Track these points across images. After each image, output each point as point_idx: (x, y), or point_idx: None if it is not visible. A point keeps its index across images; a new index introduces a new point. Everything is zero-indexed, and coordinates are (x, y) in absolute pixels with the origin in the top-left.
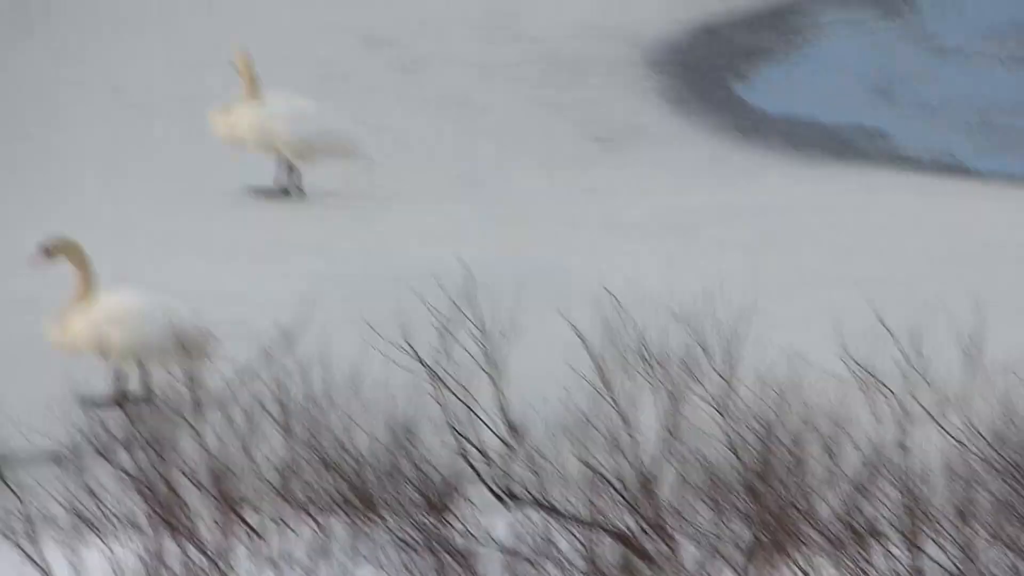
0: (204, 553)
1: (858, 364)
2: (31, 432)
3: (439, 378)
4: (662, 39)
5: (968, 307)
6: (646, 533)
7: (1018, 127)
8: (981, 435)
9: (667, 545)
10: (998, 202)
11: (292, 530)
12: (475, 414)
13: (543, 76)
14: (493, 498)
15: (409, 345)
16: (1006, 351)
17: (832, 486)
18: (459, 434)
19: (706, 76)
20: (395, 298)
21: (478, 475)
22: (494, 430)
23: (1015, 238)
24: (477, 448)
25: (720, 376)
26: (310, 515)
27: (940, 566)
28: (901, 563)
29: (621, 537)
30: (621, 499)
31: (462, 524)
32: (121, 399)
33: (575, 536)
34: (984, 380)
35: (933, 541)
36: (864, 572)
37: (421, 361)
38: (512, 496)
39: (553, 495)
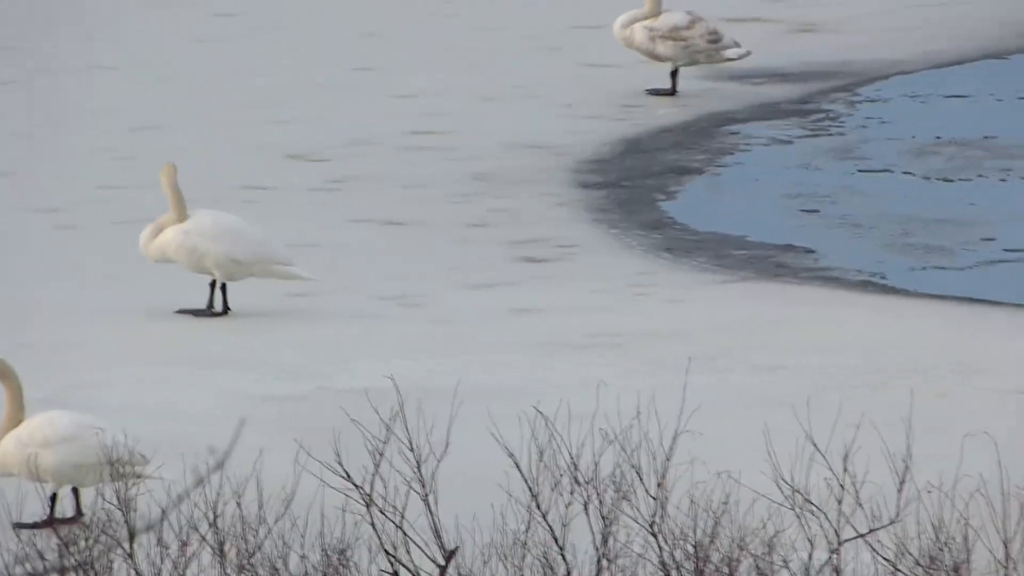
0: None
1: (790, 485)
2: None
3: (371, 500)
4: (590, 155)
5: (898, 426)
6: None
7: (942, 243)
8: (911, 555)
9: None
10: (924, 318)
11: None
12: (407, 536)
13: (471, 193)
14: None
15: (341, 466)
16: (936, 471)
17: None
18: (392, 557)
19: (634, 193)
20: (327, 417)
21: None
22: (426, 552)
23: (942, 355)
24: (410, 571)
25: (652, 497)
26: None
27: None
28: None
29: None
30: None
31: None
32: (53, 522)
33: None
34: (915, 501)
35: None
36: None
37: (353, 483)
38: None
39: None
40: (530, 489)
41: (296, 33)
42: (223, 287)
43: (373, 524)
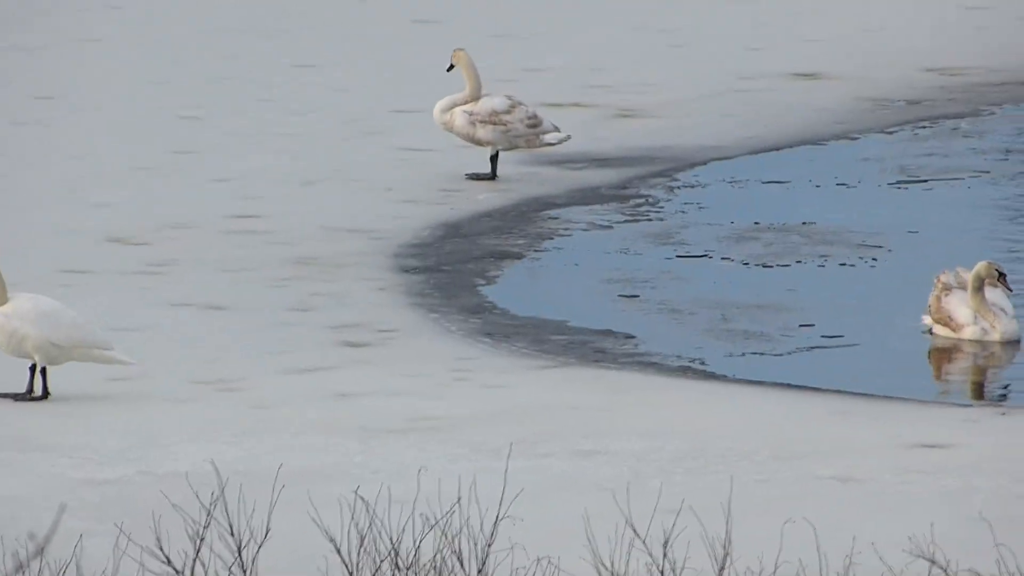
0: None
1: (609, 571)
2: None
3: None
4: (410, 240)
5: (718, 512)
6: None
7: (761, 329)
8: None
9: None
10: (744, 404)
11: None
12: None
13: (291, 277)
14: None
15: (162, 551)
16: (756, 556)
17: None
18: None
19: (454, 278)
20: (148, 502)
21: None
22: None
23: (762, 440)
24: None
25: None
26: None
27: None
28: None
29: None
30: None
31: None
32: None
33: None
34: None
35: None
36: None
37: (174, 567)
38: None
39: None
40: (350, 572)
41: (114, 115)
42: (43, 371)
43: None
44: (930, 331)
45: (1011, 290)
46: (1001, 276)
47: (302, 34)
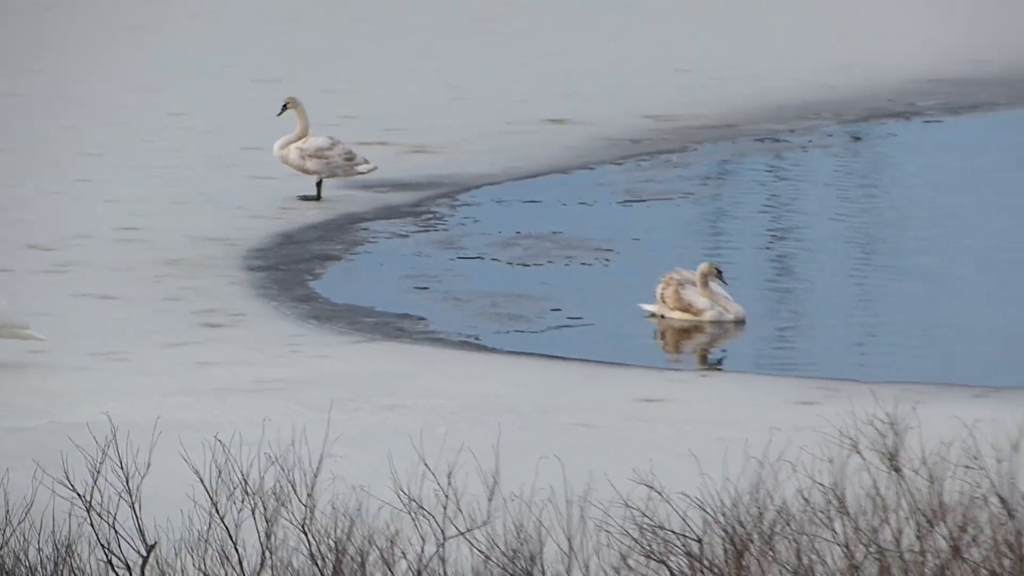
0: None
1: (407, 495)
2: None
3: (91, 506)
4: (255, 246)
5: (490, 452)
6: None
7: (522, 312)
8: (499, 548)
9: None
10: (510, 370)
11: None
12: (119, 534)
13: (166, 275)
14: None
15: (69, 481)
16: (519, 485)
17: None
18: (106, 549)
19: (289, 275)
20: (58, 445)
21: None
22: (132, 546)
23: (523, 398)
24: (120, 559)
25: (304, 505)
26: None
27: None
28: None
29: None
30: None
31: None
32: None
33: None
34: (502, 508)
35: None
36: None
37: (77, 493)
38: None
39: None
40: (211, 498)
41: (26, 151)
42: None
43: (92, 524)
44: (651, 316)
45: (726, 284)
46: (719, 272)
47: (175, 88)
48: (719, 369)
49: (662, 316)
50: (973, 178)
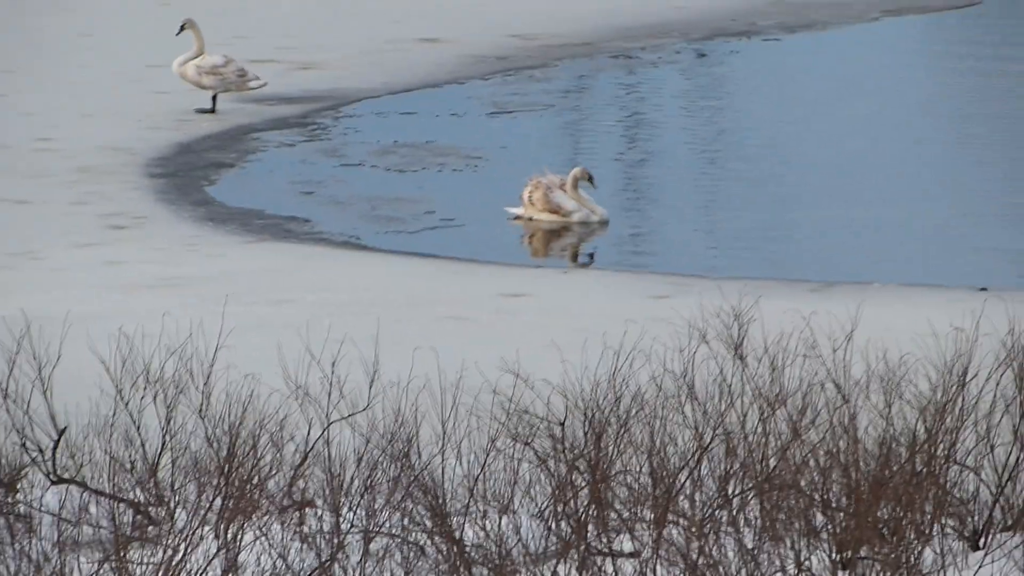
0: None
1: (295, 383)
2: None
3: (6, 393)
4: (156, 155)
5: (370, 342)
6: (151, 504)
7: (399, 215)
8: (378, 432)
9: (166, 512)
10: (388, 268)
11: None
12: (32, 419)
13: (76, 181)
14: (46, 479)
15: None
16: (396, 373)
17: (279, 468)
18: (20, 434)
19: (187, 180)
20: None
21: (35, 463)
22: (44, 430)
23: (400, 292)
24: (34, 442)
25: (200, 392)
26: None
27: (352, 524)
28: (325, 524)
29: (134, 506)
30: (133, 479)
31: (24, 497)
32: None
33: (102, 505)
34: (381, 394)
35: (349, 507)
36: (302, 530)
37: None
38: (60, 478)
39: (87, 476)
40: (116, 386)
41: None
42: None
43: (8, 411)
44: (517, 218)
45: (596, 188)
46: (590, 178)
47: (85, 10)
48: (579, 266)
49: (529, 218)
50: (808, 92)
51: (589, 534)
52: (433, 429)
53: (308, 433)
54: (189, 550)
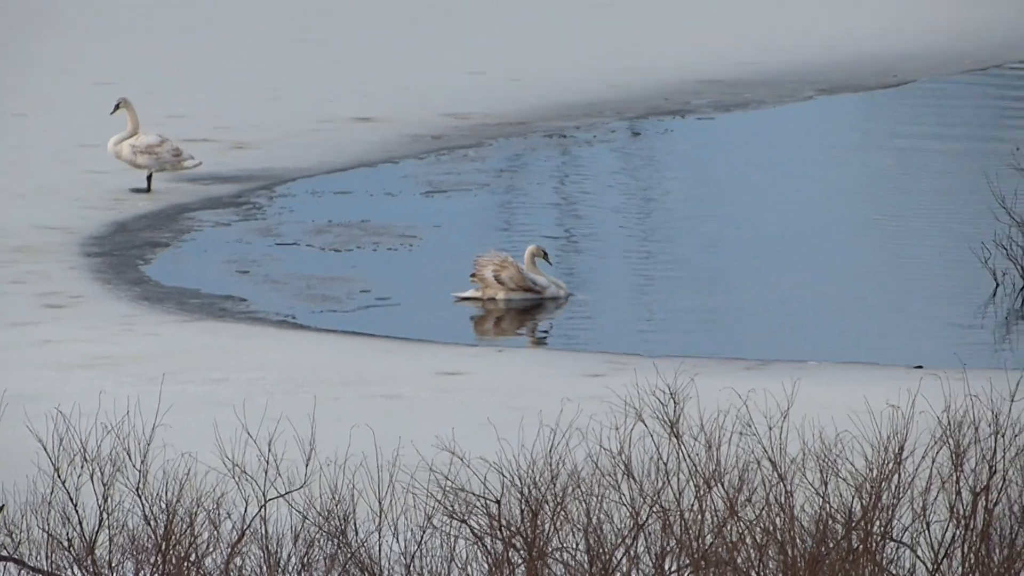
0: None
1: (232, 461)
2: None
3: None
4: (92, 234)
5: (306, 420)
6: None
7: (335, 294)
8: (316, 509)
9: None
10: (323, 346)
11: None
12: None
13: (11, 261)
14: None
15: None
16: (332, 450)
17: (216, 546)
18: None
19: (123, 260)
20: None
21: None
22: None
23: (335, 371)
24: None
25: (138, 470)
26: None
27: None
28: None
29: None
30: (71, 556)
31: None
32: None
33: None
34: (318, 472)
35: None
36: None
37: None
38: None
39: (25, 554)
40: (53, 464)
41: None
42: None
43: None
44: (465, 299)
45: (552, 263)
46: (545, 254)
47: (17, 90)
48: (514, 345)
49: (491, 298)
50: (742, 171)
51: None
52: (370, 506)
53: (245, 511)
54: None
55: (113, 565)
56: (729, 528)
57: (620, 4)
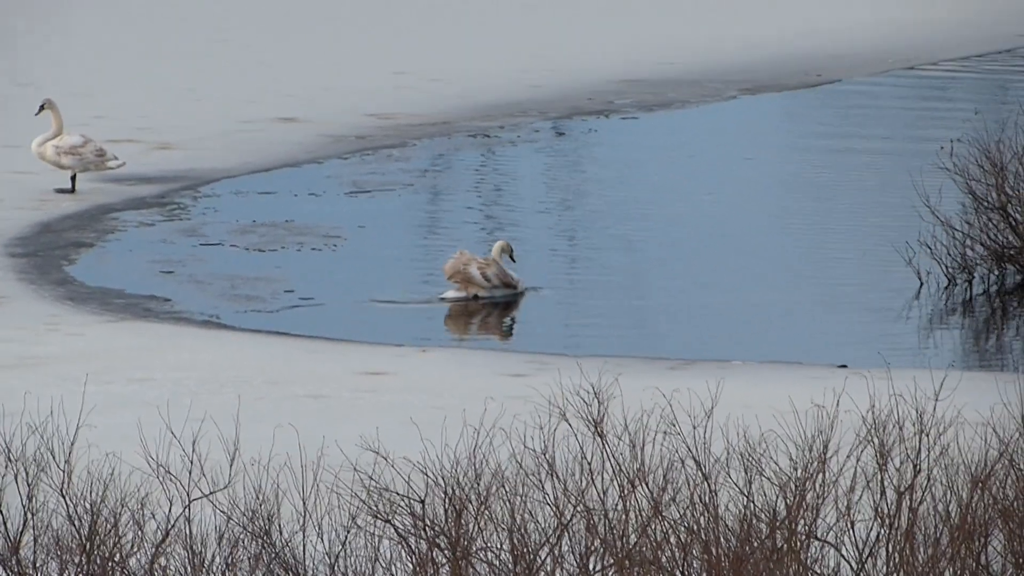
0: None
1: (156, 461)
2: None
3: None
4: (16, 235)
5: (230, 420)
6: None
7: (259, 294)
8: (240, 509)
9: None
10: (248, 345)
11: None
12: None
13: None
14: None
15: None
16: (257, 450)
17: (140, 546)
18: None
19: (47, 260)
20: None
21: None
22: None
23: (260, 370)
24: None
25: (62, 470)
26: None
27: None
28: None
29: None
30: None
31: None
32: None
33: None
34: (242, 472)
35: None
36: None
37: None
38: None
39: None
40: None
41: None
42: None
43: None
44: (455, 299)
45: (515, 261)
46: (511, 251)
47: None
48: (437, 344)
49: (475, 296)
50: (665, 170)
51: None
52: (294, 506)
53: (169, 511)
54: None
55: (38, 566)
56: (653, 527)
57: (543, 4)
